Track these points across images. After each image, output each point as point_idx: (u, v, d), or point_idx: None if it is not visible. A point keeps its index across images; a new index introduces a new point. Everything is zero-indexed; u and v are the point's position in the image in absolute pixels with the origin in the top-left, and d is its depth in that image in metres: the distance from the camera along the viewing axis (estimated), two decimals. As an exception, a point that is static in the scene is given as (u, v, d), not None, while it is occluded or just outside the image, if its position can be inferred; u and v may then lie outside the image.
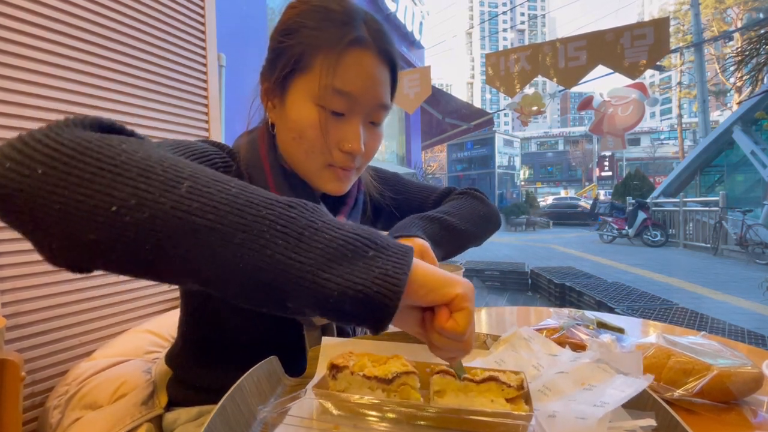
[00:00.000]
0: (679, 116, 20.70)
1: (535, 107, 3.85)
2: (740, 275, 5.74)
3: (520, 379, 0.37)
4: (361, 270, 0.30)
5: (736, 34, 11.52)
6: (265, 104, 0.56)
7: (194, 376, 0.60)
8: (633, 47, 2.14)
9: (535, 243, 10.47)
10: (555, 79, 2.41)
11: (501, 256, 7.71)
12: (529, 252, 8.79)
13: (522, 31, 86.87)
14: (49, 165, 0.28)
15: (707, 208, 8.15)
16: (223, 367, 0.58)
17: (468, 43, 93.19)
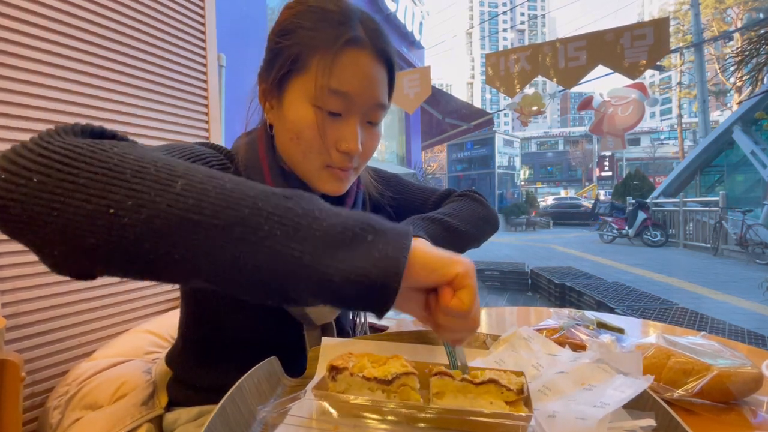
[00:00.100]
0: (679, 116, 20.70)
1: (535, 107, 3.85)
2: (740, 275, 5.74)
3: (521, 383, 0.37)
4: (361, 254, 0.30)
5: (736, 34, 11.51)
6: (263, 105, 0.56)
7: (194, 376, 0.60)
8: (633, 47, 2.14)
9: (535, 243, 10.47)
10: (555, 79, 2.41)
11: (501, 256, 7.71)
12: (529, 252, 8.79)
13: (522, 31, 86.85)
14: (44, 173, 0.28)
15: (707, 208, 8.15)
16: (223, 367, 0.58)
17: (468, 43, 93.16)
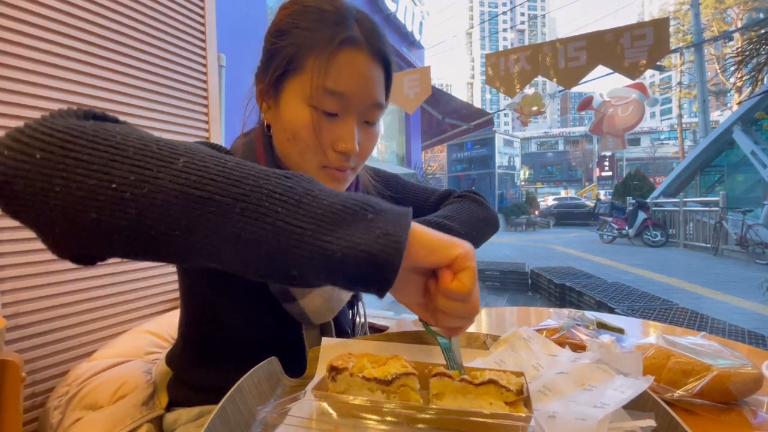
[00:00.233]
0: (679, 116, 20.70)
1: (535, 107, 3.84)
2: (740, 275, 5.74)
3: (520, 384, 0.37)
4: (362, 231, 0.30)
5: (736, 34, 11.52)
6: (260, 105, 0.56)
7: (194, 376, 0.60)
8: (633, 47, 2.14)
9: (535, 243, 10.48)
10: (555, 80, 2.40)
11: (501, 256, 7.71)
12: (529, 252, 8.79)
13: (522, 31, 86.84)
14: (47, 150, 0.29)
15: (707, 208, 8.15)
16: (223, 367, 0.58)
17: (468, 43, 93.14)
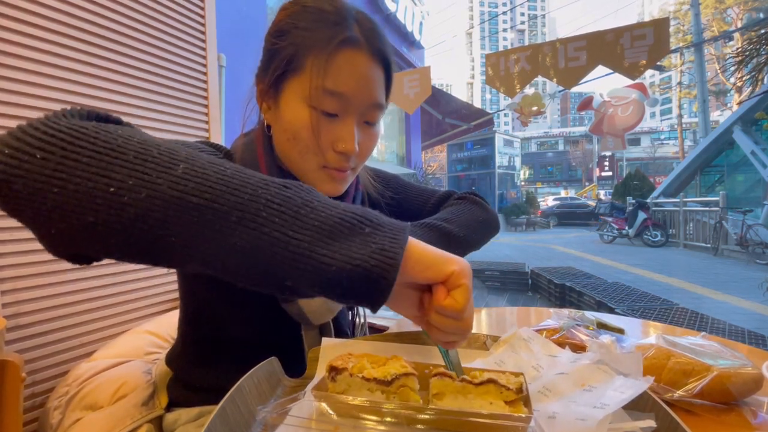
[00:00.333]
0: (679, 116, 20.70)
1: (535, 107, 3.84)
2: (740, 275, 5.74)
3: (519, 383, 0.37)
4: (358, 246, 0.30)
5: (736, 34, 11.53)
6: (260, 106, 0.56)
7: (194, 376, 0.60)
8: (633, 47, 2.13)
9: (536, 243, 10.48)
10: (555, 80, 2.40)
11: (501, 256, 7.71)
12: (529, 252, 8.80)
13: (522, 31, 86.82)
14: (47, 150, 0.29)
15: (707, 208, 8.15)
16: (223, 367, 0.58)
17: (468, 43, 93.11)
